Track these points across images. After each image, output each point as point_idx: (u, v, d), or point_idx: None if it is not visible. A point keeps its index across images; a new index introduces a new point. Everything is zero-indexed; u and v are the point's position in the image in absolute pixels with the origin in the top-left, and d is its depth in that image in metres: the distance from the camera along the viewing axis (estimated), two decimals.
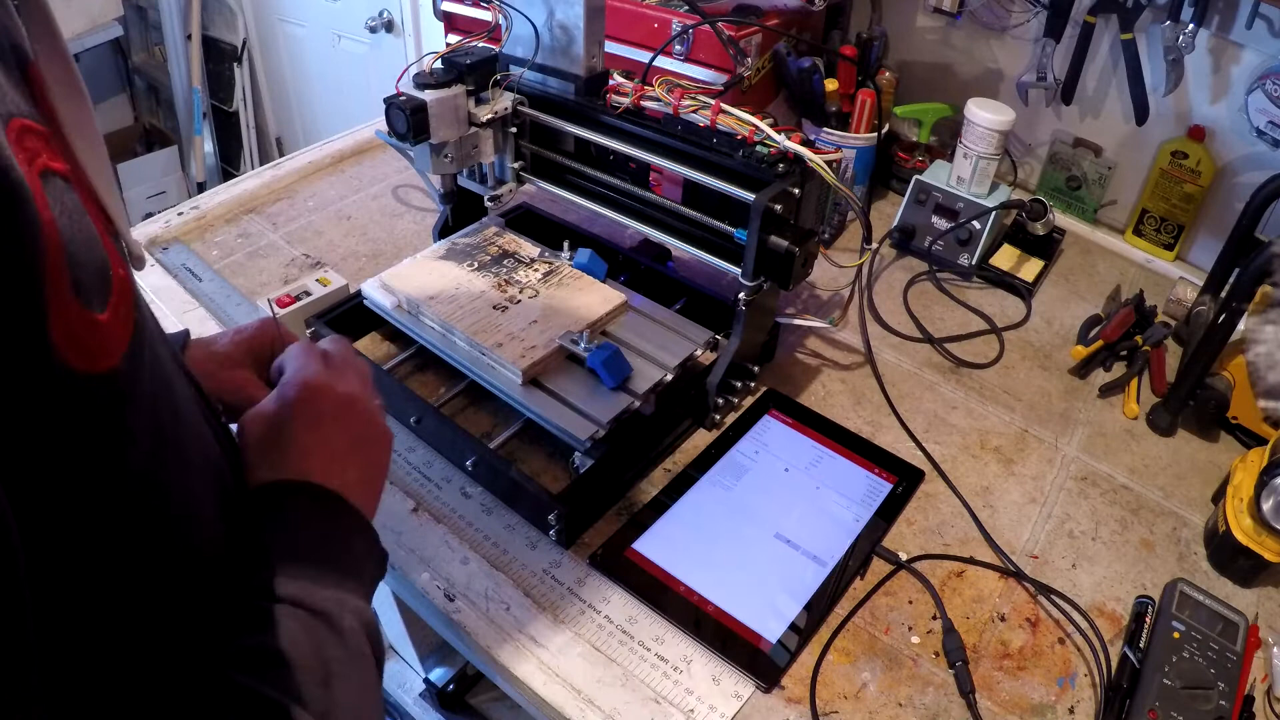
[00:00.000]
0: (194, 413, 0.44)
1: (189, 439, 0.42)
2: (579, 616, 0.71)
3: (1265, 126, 1.07)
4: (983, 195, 1.15)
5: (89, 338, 0.31)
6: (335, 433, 0.51)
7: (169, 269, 1.04)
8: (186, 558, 0.43)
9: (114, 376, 0.33)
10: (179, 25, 2.47)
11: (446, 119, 0.85)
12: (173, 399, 0.40)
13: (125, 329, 0.34)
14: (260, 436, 0.50)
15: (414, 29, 2.12)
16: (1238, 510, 0.77)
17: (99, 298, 0.32)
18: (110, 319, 0.33)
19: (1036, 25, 1.21)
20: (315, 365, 0.54)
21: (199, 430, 0.44)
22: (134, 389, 0.35)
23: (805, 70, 1.15)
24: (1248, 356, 0.81)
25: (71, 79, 0.35)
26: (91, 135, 0.36)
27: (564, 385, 0.81)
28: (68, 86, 0.35)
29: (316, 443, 0.50)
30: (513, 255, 0.95)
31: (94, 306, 0.32)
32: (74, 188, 0.32)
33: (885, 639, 0.71)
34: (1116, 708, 0.67)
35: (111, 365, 0.33)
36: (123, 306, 0.34)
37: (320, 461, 0.50)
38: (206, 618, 0.45)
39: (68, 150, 0.34)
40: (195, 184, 2.66)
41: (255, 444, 0.50)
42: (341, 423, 0.52)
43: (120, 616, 0.39)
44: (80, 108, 0.36)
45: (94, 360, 0.32)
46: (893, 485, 0.84)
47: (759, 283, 0.83)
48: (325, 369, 0.54)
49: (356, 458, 0.51)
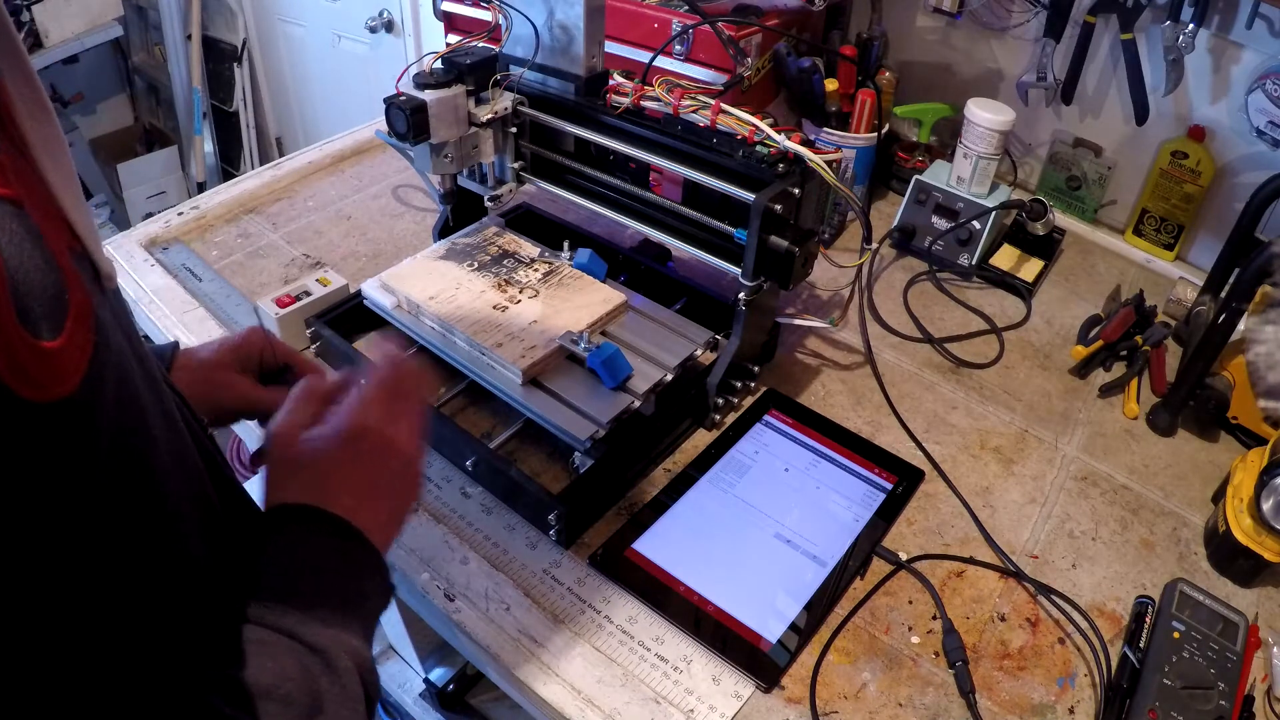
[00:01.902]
0: (172, 431, 0.43)
1: (163, 458, 0.41)
2: (579, 616, 0.71)
3: (1265, 126, 1.07)
4: (983, 195, 1.16)
5: (37, 367, 0.30)
6: (375, 473, 0.52)
7: (169, 269, 1.04)
8: (163, 577, 0.42)
9: (69, 405, 0.32)
10: (179, 25, 2.47)
11: (446, 119, 0.85)
12: (143, 419, 0.39)
13: (82, 354, 0.33)
14: (296, 455, 0.51)
15: (414, 29, 2.12)
16: (1238, 510, 0.77)
17: (50, 325, 0.31)
18: (64, 345, 0.32)
19: (1036, 25, 1.21)
20: (378, 401, 0.54)
21: (178, 447, 0.44)
22: (93, 413, 0.34)
23: (805, 70, 1.15)
24: (1248, 356, 0.81)
25: (37, 96, 0.35)
26: (58, 153, 0.35)
27: (564, 385, 0.81)
28: (34, 105, 0.34)
29: (354, 479, 0.50)
30: (513, 255, 0.95)
31: (44, 335, 0.31)
32: (28, 211, 0.32)
33: (885, 639, 0.71)
34: (1116, 708, 0.67)
35: (65, 393, 0.32)
36: (79, 332, 0.33)
37: (352, 498, 0.50)
38: (190, 637, 0.45)
39: (31, 171, 0.34)
40: (195, 184, 2.66)
41: (289, 460, 0.51)
42: (383, 465, 0.52)
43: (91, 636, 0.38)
44: (46, 124, 0.35)
45: (43, 389, 0.31)
46: (893, 485, 0.84)
47: (759, 283, 0.83)
48: (388, 407, 0.54)
49: (387, 501, 0.52)
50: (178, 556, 0.43)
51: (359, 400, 0.54)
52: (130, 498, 0.38)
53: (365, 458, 0.51)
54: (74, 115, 2.66)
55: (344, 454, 0.51)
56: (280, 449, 0.51)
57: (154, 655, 0.42)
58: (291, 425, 0.53)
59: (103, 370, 0.34)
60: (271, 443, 0.52)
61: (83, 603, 0.36)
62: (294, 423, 0.53)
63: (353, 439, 0.52)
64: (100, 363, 0.34)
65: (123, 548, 0.38)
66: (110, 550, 0.38)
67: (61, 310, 0.32)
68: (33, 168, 0.34)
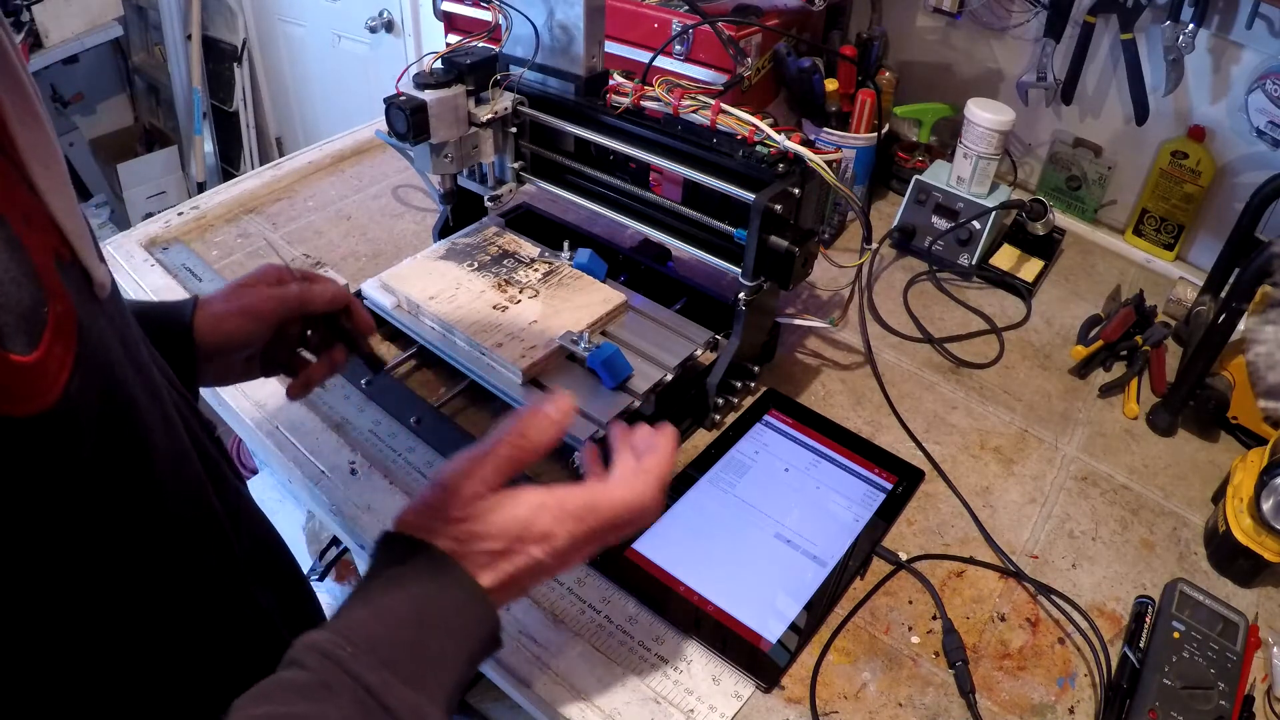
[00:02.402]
0: (171, 436, 0.42)
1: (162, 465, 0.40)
2: (579, 616, 0.71)
3: (1265, 126, 1.07)
4: (983, 195, 1.15)
5: (10, 381, 0.30)
6: (535, 575, 0.48)
7: (169, 269, 1.04)
8: (161, 579, 0.41)
9: (47, 418, 0.31)
10: (179, 25, 2.47)
11: (446, 119, 0.85)
12: (136, 428, 0.38)
13: (61, 367, 0.32)
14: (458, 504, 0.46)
15: (414, 29, 2.12)
16: (1238, 510, 0.77)
17: (24, 339, 0.30)
18: (42, 357, 0.31)
19: (1036, 25, 1.21)
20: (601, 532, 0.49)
21: (178, 451, 0.43)
22: (76, 426, 0.33)
23: (805, 70, 1.15)
24: (1248, 356, 0.81)
25: (29, 104, 0.34)
26: (49, 158, 0.35)
27: (564, 385, 0.81)
28: (24, 111, 0.34)
29: (518, 576, 0.47)
30: (513, 255, 0.95)
31: (17, 348, 0.30)
32: (9, 222, 0.31)
33: (885, 639, 0.71)
34: (1116, 708, 0.67)
35: (43, 406, 0.31)
36: (59, 344, 0.32)
37: (492, 574, 0.46)
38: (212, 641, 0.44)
39: (18, 177, 0.33)
40: (195, 184, 2.66)
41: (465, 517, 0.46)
42: (546, 573, 0.48)
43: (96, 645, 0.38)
44: (38, 132, 0.34)
45: (18, 404, 0.30)
46: (893, 485, 0.84)
47: (759, 283, 0.83)
48: (601, 540, 0.49)
49: (530, 581, 0.48)
50: (179, 561, 0.43)
51: (578, 508, 0.49)
52: (122, 506, 0.37)
53: (530, 557, 0.47)
54: (74, 115, 2.66)
55: (510, 547, 0.47)
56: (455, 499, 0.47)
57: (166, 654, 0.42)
58: (478, 480, 0.48)
59: (86, 381, 0.33)
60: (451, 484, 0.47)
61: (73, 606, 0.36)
62: (482, 478, 0.48)
63: (532, 541, 0.47)
64: (83, 374, 0.33)
65: (118, 555, 0.38)
66: (104, 558, 0.37)
67: (39, 323, 0.31)
68: (21, 174, 0.33)
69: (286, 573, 0.60)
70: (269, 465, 0.89)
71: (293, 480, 0.82)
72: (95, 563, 0.37)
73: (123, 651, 0.40)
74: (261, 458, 0.93)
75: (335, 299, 0.62)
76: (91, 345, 0.34)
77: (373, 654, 0.39)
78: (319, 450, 0.82)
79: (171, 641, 0.43)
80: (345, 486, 0.79)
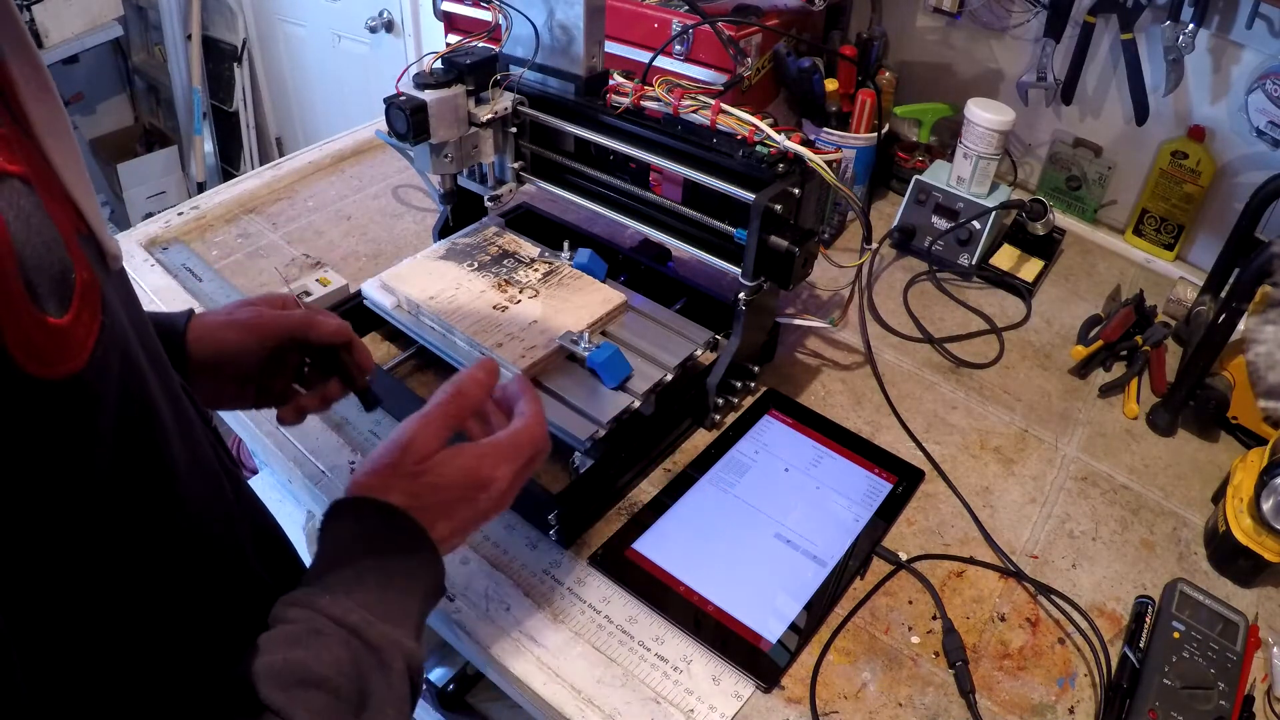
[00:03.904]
0: (178, 411, 0.43)
1: (171, 438, 0.41)
2: (579, 616, 0.71)
3: (1265, 126, 1.07)
4: (983, 195, 1.15)
5: (45, 343, 0.30)
6: (475, 516, 0.53)
7: (169, 269, 1.04)
8: (176, 557, 0.42)
9: (76, 382, 0.32)
10: (179, 25, 2.47)
11: (446, 119, 0.85)
12: (149, 399, 0.39)
13: (89, 333, 0.33)
14: (420, 470, 0.51)
15: (414, 29, 2.12)
16: (1238, 510, 0.77)
17: (57, 302, 0.31)
18: (71, 322, 0.32)
19: (1036, 25, 1.21)
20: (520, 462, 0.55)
21: (184, 428, 0.44)
22: (100, 392, 0.34)
23: (805, 70, 1.15)
24: (1248, 356, 0.81)
25: (41, 78, 0.35)
26: (62, 133, 0.35)
27: (564, 385, 0.81)
28: (37, 86, 0.34)
29: (458, 517, 0.52)
30: (513, 255, 0.95)
31: (51, 310, 0.31)
32: (36, 189, 0.32)
33: (885, 639, 0.71)
34: (1116, 708, 0.67)
35: (73, 370, 0.32)
36: (86, 310, 0.33)
37: (447, 529, 0.51)
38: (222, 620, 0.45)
39: (35, 150, 0.34)
40: (195, 184, 2.66)
41: (410, 473, 0.51)
42: (484, 514, 0.54)
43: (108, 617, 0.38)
44: (51, 106, 0.35)
45: (51, 366, 0.31)
46: (893, 485, 0.84)
47: (759, 283, 0.83)
48: (523, 470, 0.55)
49: (473, 526, 0.54)
50: (194, 535, 0.44)
51: (507, 449, 0.54)
52: (139, 472, 0.38)
53: (477, 505, 0.53)
54: (74, 115, 2.66)
55: (463, 495, 0.52)
56: (409, 456, 0.51)
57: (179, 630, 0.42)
58: (429, 436, 0.52)
59: (109, 350, 0.34)
60: (406, 441, 0.52)
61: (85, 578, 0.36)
62: (433, 434, 0.53)
63: (480, 486, 0.53)
64: (106, 342, 0.34)
65: (136, 525, 0.39)
66: (123, 528, 0.38)
67: (68, 287, 0.32)
68: (37, 147, 0.34)
69: (287, 560, 0.60)
70: (269, 465, 0.89)
71: (293, 480, 0.82)
72: (110, 535, 0.37)
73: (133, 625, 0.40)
74: (262, 458, 0.93)
75: (339, 331, 0.63)
76: (111, 314, 0.35)
77: (349, 598, 0.44)
78: (319, 450, 0.82)
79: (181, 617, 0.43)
80: (345, 486, 0.79)
